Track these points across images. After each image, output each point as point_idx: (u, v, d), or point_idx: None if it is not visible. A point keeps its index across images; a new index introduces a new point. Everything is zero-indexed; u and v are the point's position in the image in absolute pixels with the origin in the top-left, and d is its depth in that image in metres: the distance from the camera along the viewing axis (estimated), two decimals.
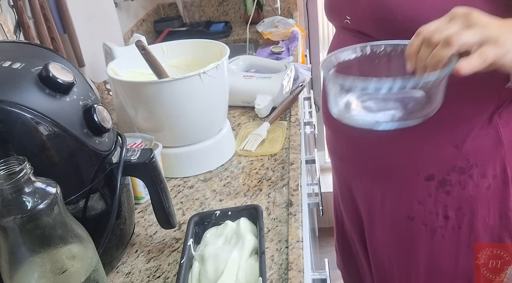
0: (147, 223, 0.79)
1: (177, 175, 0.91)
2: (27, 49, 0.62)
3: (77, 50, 1.12)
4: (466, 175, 0.73)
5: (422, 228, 0.79)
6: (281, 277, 0.64)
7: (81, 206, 0.59)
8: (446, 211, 0.76)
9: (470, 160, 0.73)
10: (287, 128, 1.03)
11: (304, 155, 1.11)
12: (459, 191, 0.74)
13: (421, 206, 0.77)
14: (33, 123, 0.52)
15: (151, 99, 0.83)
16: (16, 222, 0.45)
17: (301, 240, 0.70)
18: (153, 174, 0.65)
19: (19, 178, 0.45)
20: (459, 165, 0.73)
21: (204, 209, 0.81)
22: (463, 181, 0.73)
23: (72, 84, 0.57)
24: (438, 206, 0.76)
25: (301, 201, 0.79)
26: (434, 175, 0.75)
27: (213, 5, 1.98)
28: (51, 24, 1.03)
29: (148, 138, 0.86)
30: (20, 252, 0.46)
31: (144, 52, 0.85)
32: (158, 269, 0.69)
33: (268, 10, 1.87)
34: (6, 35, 0.91)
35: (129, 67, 0.95)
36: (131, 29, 1.65)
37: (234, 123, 1.09)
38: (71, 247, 0.49)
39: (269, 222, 0.75)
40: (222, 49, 0.92)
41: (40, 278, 0.47)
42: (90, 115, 0.58)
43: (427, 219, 0.78)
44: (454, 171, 0.73)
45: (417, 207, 0.78)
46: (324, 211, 1.03)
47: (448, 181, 0.74)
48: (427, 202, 0.76)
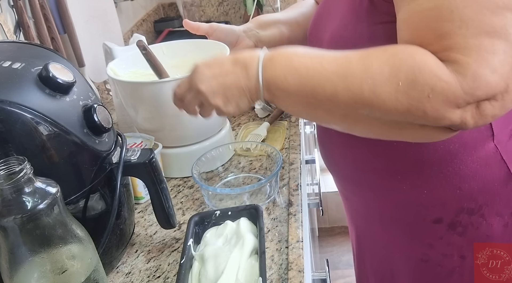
0: (147, 223, 0.79)
1: (177, 175, 0.91)
2: (27, 49, 0.62)
3: (77, 50, 1.12)
4: (476, 215, 0.66)
5: (438, 269, 0.72)
6: (281, 277, 0.64)
7: (81, 206, 0.59)
8: (461, 251, 0.69)
9: (478, 200, 0.65)
10: (287, 128, 1.03)
11: (304, 155, 1.11)
12: (473, 232, 0.67)
13: (434, 249, 0.71)
14: (33, 123, 0.52)
15: (151, 99, 0.83)
16: (16, 222, 0.45)
17: (301, 240, 0.70)
18: (153, 174, 0.65)
19: (19, 178, 0.45)
20: (466, 206, 0.66)
21: (204, 209, 0.81)
22: (475, 222, 0.66)
23: (72, 84, 0.57)
24: (452, 248, 0.69)
25: (301, 201, 0.79)
26: (442, 218, 0.68)
27: (213, 5, 1.98)
28: (51, 24, 1.03)
29: (148, 138, 0.86)
30: (20, 252, 0.46)
31: (145, 52, 0.85)
32: (158, 269, 0.69)
33: (268, 10, 1.86)
34: (6, 35, 0.91)
35: (129, 67, 0.95)
36: (131, 29, 1.65)
37: (234, 123, 1.09)
38: (71, 247, 0.49)
39: (269, 222, 0.75)
40: (222, 49, 0.92)
41: (40, 278, 0.47)
42: (90, 115, 0.58)
43: (442, 261, 0.71)
44: (463, 212, 0.66)
45: (429, 250, 0.71)
46: (324, 211, 1.02)
47: (458, 222, 0.67)
48: (439, 244, 0.70)
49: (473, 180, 0.64)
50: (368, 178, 0.73)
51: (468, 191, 0.65)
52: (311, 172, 1.43)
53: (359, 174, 0.74)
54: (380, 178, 0.71)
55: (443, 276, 0.73)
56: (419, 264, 0.74)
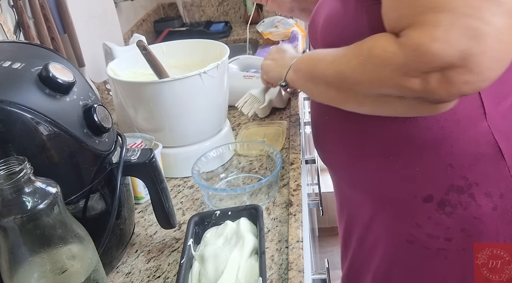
0: (147, 223, 0.79)
1: (177, 175, 0.91)
2: (27, 49, 0.62)
3: (77, 50, 1.12)
4: (466, 194, 0.67)
5: (423, 251, 0.74)
6: (281, 277, 0.64)
7: (81, 206, 0.59)
8: (448, 233, 0.70)
9: (468, 178, 0.67)
10: (287, 128, 1.03)
11: (304, 155, 1.11)
12: (461, 212, 0.68)
13: (421, 229, 0.72)
14: (33, 123, 0.52)
15: (151, 99, 0.83)
16: (16, 222, 0.45)
17: (301, 240, 0.70)
18: (153, 174, 0.65)
19: (19, 178, 0.45)
20: (456, 183, 0.67)
21: (204, 209, 0.81)
22: (463, 201, 0.68)
23: (72, 84, 0.57)
24: (439, 229, 0.71)
25: (301, 201, 0.79)
26: (432, 196, 0.69)
27: (213, 5, 1.98)
28: (51, 24, 1.03)
29: (148, 138, 0.86)
30: (20, 252, 0.46)
31: (145, 52, 0.85)
32: (158, 269, 0.69)
33: (268, 10, 1.86)
34: (6, 35, 0.91)
35: (129, 67, 0.95)
36: (131, 29, 1.65)
37: (234, 123, 1.09)
38: (71, 247, 0.49)
39: (269, 222, 0.75)
40: (222, 49, 0.92)
41: (40, 278, 0.47)
42: (90, 115, 0.58)
43: (428, 242, 0.72)
44: (452, 190, 0.68)
45: (416, 230, 0.73)
46: (324, 211, 1.02)
47: (447, 201, 0.69)
48: (427, 224, 0.71)
49: (464, 157, 0.67)
50: (360, 157, 0.75)
51: (458, 167, 0.67)
52: (311, 172, 1.42)
53: (352, 157, 0.76)
54: (372, 159, 0.72)
55: (427, 259, 0.74)
56: (404, 246, 0.75)
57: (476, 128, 0.66)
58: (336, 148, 0.79)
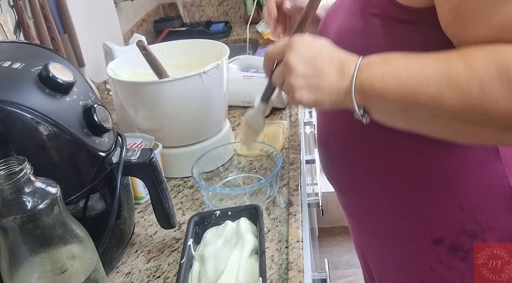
0: (147, 223, 0.79)
1: (177, 175, 0.91)
2: (27, 49, 0.62)
3: (77, 50, 1.12)
4: (479, 239, 0.62)
5: None
6: (281, 277, 0.64)
7: (81, 206, 0.59)
8: (463, 278, 0.66)
9: (480, 223, 0.62)
10: (287, 128, 1.03)
11: (304, 155, 1.11)
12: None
13: (434, 273, 0.67)
14: (33, 123, 0.52)
15: (151, 99, 0.83)
16: (16, 222, 0.45)
17: (301, 240, 0.70)
18: (153, 174, 0.65)
19: (19, 178, 0.45)
20: (468, 228, 0.62)
21: (204, 209, 0.81)
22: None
23: (72, 84, 0.57)
24: (453, 273, 0.66)
25: (301, 201, 0.79)
26: (442, 239, 0.64)
27: (213, 5, 1.98)
28: (51, 24, 1.03)
29: (148, 138, 0.86)
30: (20, 252, 0.46)
31: (145, 52, 0.85)
32: (158, 269, 0.69)
33: None
34: (6, 35, 0.91)
35: (129, 67, 0.95)
36: (131, 29, 1.65)
37: (234, 123, 1.09)
38: (71, 247, 0.49)
39: (269, 222, 0.75)
40: (222, 49, 0.92)
41: (40, 278, 0.47)
42: (90, 115, 0.58)
43: None
44: (464, 235, 0.63)
45: (429, 273, 0.68)
46: (324, 211, 1.02)
47: (460, 246, 0.64)
48: (440, 268, 0.66)
49: (476, 200, 0.62)
50: (369, 189, 0.71)
51: (470, 211, 0.62)
52: (311, 172, 1.43)
53: (360, 184, 0.72)
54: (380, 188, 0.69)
55: None
56: None
57: (489, 170, 0.61)
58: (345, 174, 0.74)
